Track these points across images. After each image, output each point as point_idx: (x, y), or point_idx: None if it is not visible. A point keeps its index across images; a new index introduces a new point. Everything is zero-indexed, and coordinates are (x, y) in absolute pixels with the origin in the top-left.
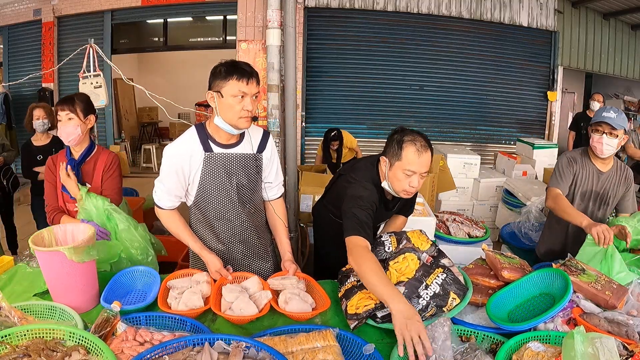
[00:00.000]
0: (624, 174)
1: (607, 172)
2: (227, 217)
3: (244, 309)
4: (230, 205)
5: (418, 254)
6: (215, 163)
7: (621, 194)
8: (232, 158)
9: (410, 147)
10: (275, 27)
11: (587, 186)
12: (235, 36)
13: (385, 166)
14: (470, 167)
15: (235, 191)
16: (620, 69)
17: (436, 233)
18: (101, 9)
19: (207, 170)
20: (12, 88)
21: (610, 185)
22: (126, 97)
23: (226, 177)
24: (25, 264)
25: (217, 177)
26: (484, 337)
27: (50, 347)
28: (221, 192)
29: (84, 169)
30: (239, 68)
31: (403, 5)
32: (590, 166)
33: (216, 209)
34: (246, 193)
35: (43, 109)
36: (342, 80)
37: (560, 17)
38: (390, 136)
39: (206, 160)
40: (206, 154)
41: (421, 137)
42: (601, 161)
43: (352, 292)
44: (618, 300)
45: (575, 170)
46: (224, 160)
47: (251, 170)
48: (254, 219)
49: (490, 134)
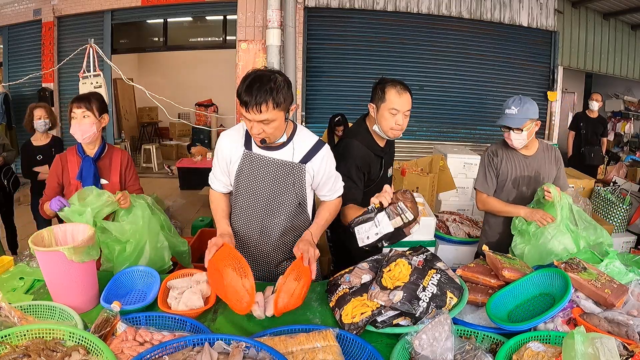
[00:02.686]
0: (552, 153)
1: (533, 155)
2: (249, 217)
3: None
4: (256, 206)
5: (409, 259)
6: (251, 162)
7: (554, 173)
8: (269, 162)
9: (391, 90)
10: (275, 27)
11: (516, 173)
12: (235, 36)
13: (373, 111)
14: (470, 167)
15: (264, 197)
16: (620, 69)
17: (436, 233)
18: (101, 9)
19: (243, 168)
20: (12, 88)
21: (540, 166)
22: (126, 97)
23: (259, 181)
24: (25, 264)
25: (249, 177)
26: (484, 337)
27: (50, 347)
28: (250, 193)
29: (100, 166)
30: (245, 93)
31: (403, 5)
32: (514, 154)
33: (242, 206)
34: (276, 199)
35: (44, 108)
36: (342, 80)
37: (560, 17)
38: (374, 87)
39: (244, 157)
40: (245, 151)
41: (399, 82)
42: (525, 147)
43: (345, 300)
44: (617, 299)
45: (497, 163)
46: (259, 162)
47: (287, 178)
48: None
49: (490, 134)
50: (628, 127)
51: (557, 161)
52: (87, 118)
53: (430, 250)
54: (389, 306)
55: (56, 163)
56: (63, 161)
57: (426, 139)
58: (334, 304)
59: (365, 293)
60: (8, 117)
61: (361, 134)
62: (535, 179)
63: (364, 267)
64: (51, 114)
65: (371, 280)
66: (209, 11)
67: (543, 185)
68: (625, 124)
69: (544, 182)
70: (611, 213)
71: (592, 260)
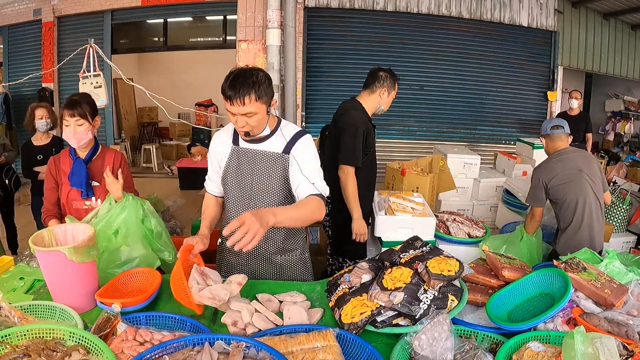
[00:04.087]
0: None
1: None
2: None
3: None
4: (245, 200)
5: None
6: (238, 156)
7: None
8: (256, 155)
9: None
10: (275, 27)
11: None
12: (235, 36)
13: (383, 94)
14: (470, 167)
15: (252, 189)
16: (620, 69)
17: (436, 233)
18: (101, 9)
19: (231, 162)
20: (12, 88)
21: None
22: (126, 97)
23: (246, 174)
24: (25, 264)
25: (237, 170)
26: (484, 337)
27: (50, 347)
28: (238, 187)
29: (92, 168)
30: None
31: (403, 5)
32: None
33: (233, 200)
34: (265, 191)
35: (45, 108)
36: (342, 80)
37: (560, 17)
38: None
39: (232, 152)
40: (233, 146)
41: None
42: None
43: (345, 300)
44: (617, 299)
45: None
46: (247, 156)
47: (275, 170)
48: None
49: (490, 134)
50: (628, 127)
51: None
52: (81, 126)
53: (429, 244)
54: (389, 307)
55: (50, 165)
56: (57, 163)
57: (426, 139)
58: (334, 303)
59: (365, 293)
60: (8, 117)
61: (359, 109)
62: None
63: (363, 266)
64: (52, 113)
65: (371, 280)
66: (209, 11)
67: None
68: (625, 124)
69: None
70: (611, 213)
71: (592, 260)
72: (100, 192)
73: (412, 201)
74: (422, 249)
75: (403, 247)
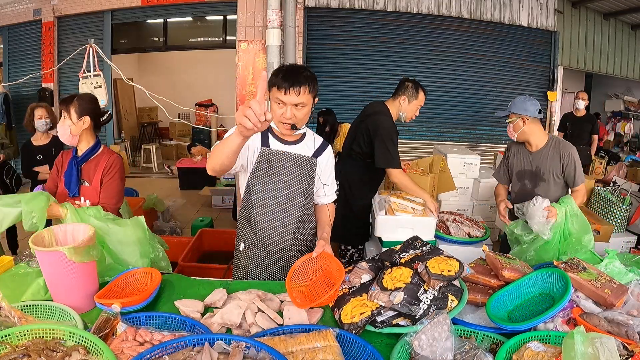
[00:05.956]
0: (559, 149)
1: (537, 151)
2: (269, 213)
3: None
4: (275, 202)
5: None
6: (269, 158)
7: (559, 170)
8: (286, 157)
9: (422, 92)
10: (275, 27)
11: (520, 167)
12: (235, 36)
13: (403, 102)
14: (470, 167)
15: (283, 189)
16: (620, 69)
17: (436, 233)
18: (101, 9)
19: (260, 164)
20: (12, 88)
21: (541, 162)
22: (126, 97)
23: (276, 174)
24: (25, 264)
25: (268, 172)
26: (484, 337)
27: (50, 347)
28: (268, 186)
29: (85, 168)
30: (284, 78)
31: (403, 5)
32: (521, 149)
33: (261, 203)
34: (295, 193)
35: (45, 108)
36: (342, 80)
37: (560, 17)
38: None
39: (262, 154)
40: (262, 148)
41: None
42: (528, 143)
43: (345, 300)
44: (617, 299)
45: (509, 156)
46: (279, 158)
47: (305, 172)
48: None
49: (490, 134)
50: (628, 127)
51: (565, 155)
52: (65, 120)
53: (429, 244)
54: (389, 307)
55: (58, 158)
56: (63, 157)
57: (426, 139)
58: (333, 303)
59: (365, 293)
60: (8, 117)
61: (387, 114)
62: (535, 174)
63: (363, 266)
64: (52, 114)
65: (371, 280)
66: (209, 11)
67: (543, 207)
68: (625, 124)
69: (545, 177)
70: (611, 213)
71: (592, 260)
72: (89, 193)
73: (412, 201)
74: (422, 249)
75: (403, 247)
